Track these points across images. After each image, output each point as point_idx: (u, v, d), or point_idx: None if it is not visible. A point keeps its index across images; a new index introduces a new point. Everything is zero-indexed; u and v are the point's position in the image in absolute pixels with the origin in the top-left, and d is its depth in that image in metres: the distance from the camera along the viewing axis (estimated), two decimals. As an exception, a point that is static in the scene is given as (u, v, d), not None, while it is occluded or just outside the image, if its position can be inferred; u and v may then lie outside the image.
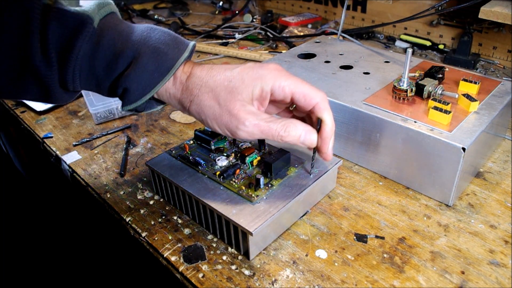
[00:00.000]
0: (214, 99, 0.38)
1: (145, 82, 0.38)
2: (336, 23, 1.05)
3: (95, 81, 0.39)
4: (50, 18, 0.35)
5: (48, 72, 0.36)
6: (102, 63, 0.38)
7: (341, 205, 0.49)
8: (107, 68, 0.38)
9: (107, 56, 0.37)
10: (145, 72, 0.37)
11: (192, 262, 0.43)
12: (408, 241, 0.44)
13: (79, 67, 0.37)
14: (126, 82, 0.38)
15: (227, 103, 0.37)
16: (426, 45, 0.90)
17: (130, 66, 0.37)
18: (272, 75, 0.38)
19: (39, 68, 0.36)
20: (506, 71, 0.79)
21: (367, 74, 0.61)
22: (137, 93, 0.38)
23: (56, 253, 1.10)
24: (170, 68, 0.38)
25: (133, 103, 0.39)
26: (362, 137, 0.53)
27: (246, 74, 0.38)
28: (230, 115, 0.37)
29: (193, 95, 0.38)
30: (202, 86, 0.38)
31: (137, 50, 0.37)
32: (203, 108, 0.38)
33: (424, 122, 0.48)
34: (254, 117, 0.37)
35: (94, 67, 0.38)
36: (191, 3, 1.36)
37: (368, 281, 0.40)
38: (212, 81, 0.38)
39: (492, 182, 0.52)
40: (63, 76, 0.37)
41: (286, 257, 0.43)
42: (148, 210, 0.50)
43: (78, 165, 0.60)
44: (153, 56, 0.37)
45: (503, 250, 0.42)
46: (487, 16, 0.68)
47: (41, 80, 0.37)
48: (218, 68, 0.39)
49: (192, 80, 0.39)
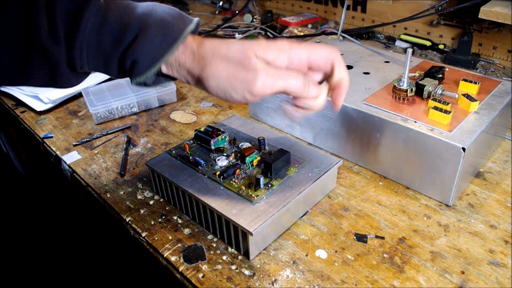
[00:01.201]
0: (229, 60, 0.38)
1: (154, 52, 0.38)
2: (336, 23, 1.05)
3: (103, 58, 0.39)
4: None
5: (56, 50, 0.36)
6: (109, 37, 0.37)
7: (341, 205, 0.49)
8: (114, 42, 0.38)
9: (114, 30, 0.37)
10: (153, 42, 0.38)
11: (192, 262, 0.43)
12: (408, 241, 0.44)
13: (87, 43, 0.37)
14: (134, 54, 0.38)
15: (242, 61, 0.37)
16: (426, 45, 0.90)
17: (137, 37, 0.38)
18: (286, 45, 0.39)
19: (46, 46, 0.35)
20: (506, 71, 0.79)
21: (367, 74, 0.61)
22: (146, 64, 0.38)
23: (56, 253, 1.10)
24: (177, 37, 0.38)
25: (142, 74, 0.39)
26: (362, 137, 0.53)
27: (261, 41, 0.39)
28: (246, 69, 0.37)
29: (206, 61, 0.39)
30: (215, 53, 0.39)
31: (144, 22, 0.38)
32: (216, 72, 0.38)
33: (424, 122, 0.48)
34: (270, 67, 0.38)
35: (102, 42, 0.38)
36: (191, 3, 1.36)
37: (368, 281, 0.40)
38: (225, 47, 0.39)
39: (492, 182, 0.52)
40: (71, 52, 0.37)
41: (286, 257, 0.43)
42: (148, 210, 0.50)
43: (78, 165, 0.60)
44: (160, 27, 0.38)
45: (503, 250, 0.42)
46: (487, 16, 0.68)
47: (49, 58, 0.36)
48: (231, 40, 0.40)
49: (205, 48, 0.39)
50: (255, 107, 0.67)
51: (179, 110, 0.73)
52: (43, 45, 0.35)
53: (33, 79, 0.38)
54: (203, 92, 0.79)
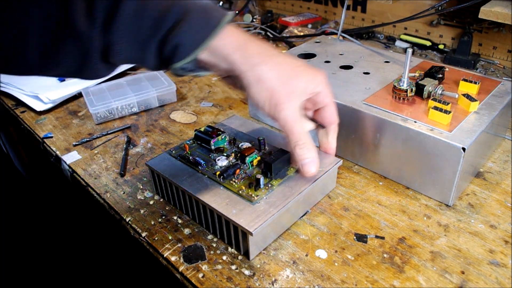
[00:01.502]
0: (279, 72, 0.40)
1: (198, 35, 0.38)
2: (336, 23, 1.05)
3: (141, 44, 0.37)
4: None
5: (91, 34, 0.34)
6: (149, 21, 0.37)
7: (341, 205, 0.49)
8: (154, 26, 0.37)
9: (154, 14, 0.37)
10: (197, 25, 0.37)
11: (192, 262, 0.43)
12: (408, 241, 0.44)
13: (126, 27, 0.36)
14: (177, 37, 0.37)
15: (290, 82, 0.40)
16: (426, 45, 0.90)
17: (179, 22, 0.37)
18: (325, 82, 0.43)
19: (82, 30, 0.34)
20: (506, 71, 0.79)
21: (367, 74, 0.61)
22: (189, 48, 0.38)
23: (56, 253, 1.10)
24: (218, 23, 0.38)
25: (185, 58, 0.38)
26: (362, 137, 0.53)
27: (309, 70, 0.42)
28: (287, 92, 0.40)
29: (258, 60, 0.39)
30: (267, 58, 0.40)
31: (185, 7, 0.38)
32: (265, 76, 0.40)
33: (424, 122, 0.48)
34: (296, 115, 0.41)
35: (141, 26, 0.36)
36: (191, 3, 1.36)
37: (368, 281, 0.40)
38: (280, 57, 0.41)
39: (492, 182, 0.52)
40: (108, 37, 0.35)
41: (286, 257, 0.43)
42: (148, 210, 0.50)
43: (78, 165, 0.60)
44: (201, 12, 0.38)
45: (503, 250, 0.42)
46: (487, 16, 0.68)
47: (82, 44, 0.35)
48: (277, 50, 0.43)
49: (256, 46, 0.40)
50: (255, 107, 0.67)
51: (179, 110, 0.73)
52: (77, 28, 0.34)
53: (60, 68, 0.36)
54: (203, 92, 0.79)
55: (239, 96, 0.77)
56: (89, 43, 0.35)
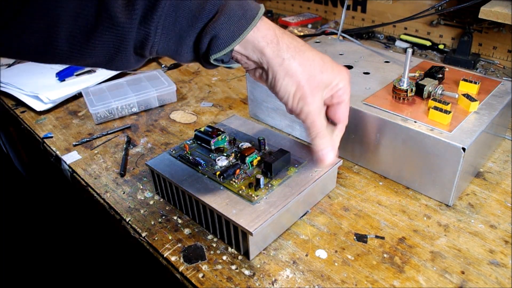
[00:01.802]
0: (308, 68, 0.41)
1: (235, 27, 0.38)
2: (336, 23, 1.05)
3: (177, 37, 0.38)
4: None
5: (129, 25, 0.34)
6: (188, 13, 0.37)
7: (341, 205, 0.49)
8: (192, 19, 0.37)
9: (193, 5, 0.37)
10: (234, 17, 0.38)
11: (192, 262, 0.43)
12: (408, 241, 0.44)
13: (164, 18, 0.36)
14: (214, 29, 0.37)
15: (316, 78, 0.41)
16: (426, 45, 0.90)
17: (217, 13, 0.37)
18: (347, 79, 0.43)
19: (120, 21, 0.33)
20: (506, 71, 0.79)
21: (367, 74, 0.61)
22: (227, 39, 0.38)
23: (56, 253, 1.10)
24: (255, 15, 0.38)
25: (223, 50, 0.38)
26: (362, 137, 0.53)
27: (334, 65, 0.43)
28: (312, 87, 0.41)
29: (289, 54, 0.40)
30: (301, 51, 0.41)
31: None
32: (294, 70, 0.40)
33: (424, 122, 0.48)
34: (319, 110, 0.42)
35: (179, 18, 0.37)
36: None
37: (368, 281, 0.40)
38: (310, 52, 0.41)
39: (492, 182, 0.52)
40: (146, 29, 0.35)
41: (286, 257, 0.43)
42: (148, 210, 0.50)
43: (78, 165, 0.60)
44: (238, 4, 0.38)
45: (503, 250, 0.42)
46: (487, 16, 0.68)
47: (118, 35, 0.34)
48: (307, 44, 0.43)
49: (289, 40, 0.41)
50: (255, 107, 0.67)
51: (179, 110, 0.73)
52: (115, 20, 0.33)
53: (90, 58, 0.36)
54: (203, 92, 0.79)
55: (239, 96, 0.77)
56: (126, 34, 0.35)
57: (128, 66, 0.39)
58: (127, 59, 0.37)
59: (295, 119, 0.61)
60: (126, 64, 0.38)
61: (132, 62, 0.38)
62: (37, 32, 0.32)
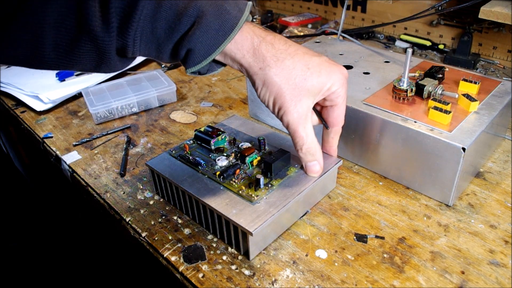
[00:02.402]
0: (286, 77, 0.39)
1: (210, 41, 0.37)
2: (336, 23, 1.05)
3: (156, 45, 0.38)
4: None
5: (108, 38, 0.35)
6: (164, 24, 0.36)
7: (341, 205, 0.49)
8: (169, 29, 0.37)
9: (169, 16, 0.36)
10: (210, 31, 0.37)
11: (192, 262, 0.43)
12: (408, 241, 0.44)
13: (141, 30, 0.36)
14: (190, 43, 0.37)
15: (298, 86, 0.40)
16: (426, 45, 0.90)
17: (194, 25, 0.36)
18: (342, 81, 0.42)
19: (98, 34, 0.34)
20: (506, 71, 0.79)
21: (367, 74, 0.61)
22: (202, 53, 0.37)
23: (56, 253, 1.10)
24: (233, 26, 0.37)
25: (198, 64, 0.38)
26: (362, 137, 0.53)
27: (324, 69, 0.41)
28: (293, 96, 0.40)
29: (265, 64, 0.39)
30: (279, 60, 0.39)
31: (201, 9, 0.37)
32: (270, 80, 0.39)
33: (424, 122, 0.48)
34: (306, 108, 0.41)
35: (156, 29, 0.36)
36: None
37: (368, 281, 0.40)
38: (290, 60, 0.40)
39: (492, 182, 0.52)
40: (124, 40, 0.36)
41: (286, 257, 0.43)
42: (148, 210, 0.50)
43: (78, 165, 0.60)
44: (217, 14, 0.37)
45: (503, 250, 0.42)
46: (487, 16, 0.68)
47: (99, 46, 0.35)
48: (295, 47, 0.41)
49: (267, 48, 0.39)
50: (255, 107, 0.67)
51: (179, 110, 0.73)
52: (93, 32, 0.34)
53: (77, 65, 0.37)
54: (203, 92, 0.79)
55: (239, 96, 0.77)
56: (106, 46, 0.35)
57: (116, 69, 0.39)
58: (113, 64, 0.38)
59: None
60: (113, 68, 0.39)
61: (119, 65, 0.39)
62: (25, 43, 0.33)
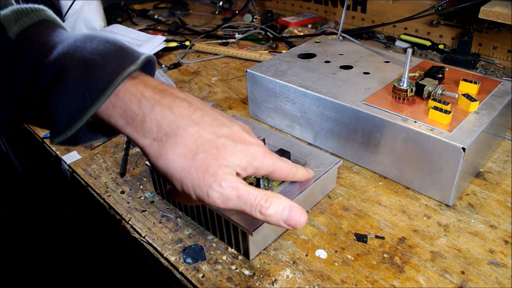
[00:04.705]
0: (191, 147, 0.30)
1: (74, 105, 0.28)
2: (336, 23, 1.05)
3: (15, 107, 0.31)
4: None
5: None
6: (21, 82, 0.29)
7: (341, 205, 0.49)
8: (27, 90, 0.29)
9: (25, 74, 0.29)
10: (72, 92, 0.28)
11: (192, 262, 0.43)
12: (408, 241, 0.44)
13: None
14: (49, 107, 0.29)
15: (208, 157, 0.30)
16: (426, 45, 0.90)
17: (52, 86, 0.29)
18: (261, 154, 0.34)
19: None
20: (506, 71, 0.79)
21: (367, 74, 0.61)
22: (64, 121, 0.29)
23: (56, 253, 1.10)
24: (106, 86, 0.29)
25: (61, 135, 0.29)
26: (362, 137, 0.53)
27: (238, 140, 0.32)
28: (206, 170, 0.30)
29: (160, 133, 0.30)
30: (179, 128, 0.30)
31: (61, 64, 0.28)
32: (169, 155, 0.30)
33: (424, 122, 0.48)
34: (234, 178, 0.31)
35: (14, 88, 0.30)
36: (191, 3, 1.36)
37: (368, 281, 0.40)
38: (195, 128, 0.31)
39: (492, 182, 0.52)
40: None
41: (286, 257, 0.43)
42: (148, 210, 0.50)
43: (78, 165, 0.60)
44: (83, 70, 0.28)
45: (503, 250, 0.42)
46: (487, 16, 0.68)
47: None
48: (201, 112, 0.32)
49: (163, 113, 0.30)
50: (255, 107, 0.67)
51: (179, 110, 0.73)
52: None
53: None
54: (203, 92, 0.79)
55: (239, 96, 0.77)
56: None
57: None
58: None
59: (295, 119, 0.61)
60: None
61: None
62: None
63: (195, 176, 0.30)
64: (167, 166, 0.30)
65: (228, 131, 0.32)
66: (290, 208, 0.32)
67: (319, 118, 0.57)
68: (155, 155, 0.31)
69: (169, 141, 0.30)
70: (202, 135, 0.31)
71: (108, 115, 0.30)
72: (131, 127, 0.30)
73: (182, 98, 0.32)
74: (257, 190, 0.31)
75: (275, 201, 0.31)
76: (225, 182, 0.30)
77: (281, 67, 0.64)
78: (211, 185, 0.30)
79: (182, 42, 1.00)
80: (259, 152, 0.33)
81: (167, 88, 0.32)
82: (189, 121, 0.31)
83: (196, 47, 0.99)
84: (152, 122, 0.30)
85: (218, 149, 0.31)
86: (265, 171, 0.35)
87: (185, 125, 0.30)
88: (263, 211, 0.31)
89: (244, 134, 0.33)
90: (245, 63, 0.91)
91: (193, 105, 0.32)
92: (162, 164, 0.30)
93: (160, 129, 0.30)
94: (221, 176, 0.30)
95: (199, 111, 0.32)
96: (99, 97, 0.29)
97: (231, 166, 0.31)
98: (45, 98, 0.29)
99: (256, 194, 0.31)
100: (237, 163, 0.31)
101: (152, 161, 0.31)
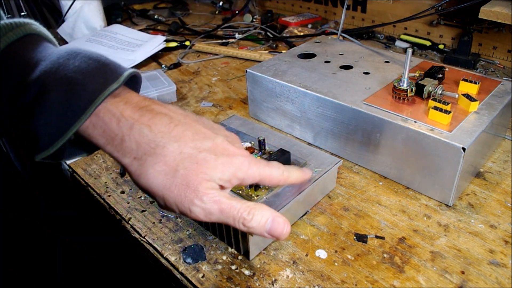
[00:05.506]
0: (171, 164, 0.30)
1: (56, 124, 0.29)
2: (336, 23, 1.05)
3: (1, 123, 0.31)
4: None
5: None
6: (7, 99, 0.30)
7: (341, 205, 0.49)
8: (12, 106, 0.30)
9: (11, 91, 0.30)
10: (54, 111, 0.29)
11: (192, 262, 0.43)
12: (408, 241, 0.44)
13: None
14: (31, 125, 0.29)
15: (188, 173, 0.30)
16: (426, 45, 0.90)
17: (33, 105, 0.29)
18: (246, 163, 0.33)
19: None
20: (506, 71, 0.79)
21: (367, 74, 0.61)
22: (46, 139, 0.29)
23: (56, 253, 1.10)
24: (87, 105, 0.29)
25: (44, 151, 0.30)
26: (362, 137, 0.53)
27: (221, 153, 0.32)
28: (187, 186, 0.30)
29: (140, 152, 0.30)
30: (159, 147, 0.30)
31: (43, 83, 0.29)
32: (150, 173, 0.30)
33: (424, 122, 0.48)
34: (216, 192, 0.31)
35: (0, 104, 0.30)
36: (191, 3, 1.36)
37: (368, 281, 0.40)
38: (174, 145, 0.31)
39: (492, 182, 0.52)
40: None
41: (286, 257, 0.43)
42: (148, 210, 0.50)
43: (78, 165, 0.60)
44: (65, 90, 0.29)
45: (503, 250, 0.42)
46: (487, 16, 0.68)
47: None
48: (183, 127, 0.32)
49: (142, 133, 0.30)
50: (255, 107, 0.67)
51: (179, 110, 0.73)
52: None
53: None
54: (203, 92, 0.79)
55: (239, 96, 0.77)
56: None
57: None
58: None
59: (295, 119, 0.61)
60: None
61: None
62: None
63: (177, 193, 0.30)
64: (148, 184, 0.31)
65: (211, 144, 0.32)
66: (273, 219, 0.32)
67: (319, 118, 0.57)
68: (136, 174, 0.31)
69: (148, 160, 0.30)
70: (183, 151, 0.31)
71: (89, 134, 0.31)
72: (111, 146, 0.31)
73: (163, 113, 0.32)
74: (239, 202, 0.32)
75: (258, 213, 0.32)
76: (206, 197, 0.30)
77: (281, 67, 0.64)
78: (192, 200, 0.30)
79: (182, 42, 1.00)
80: (243, 163, 0.33)
81: (149, 104, 0.32)
82: (168, 138, 0.31)
83: (196, 47, 0.99)
84: (131, 142, 0.30)
85: (199, 164, 0.31)
86: (251, 180, 0.34)
87: (164, 142, 0.30)
88: (246, 223, 0.31)
89: (228, 145, 0.33)
90: (245, 63, 0.91)
91: (174, 120, 0.32)
92: (143, 182, 0.31)
93: (140, 148, 0.30)
94: (202, 191, 0.30)
95: (180, 126, 0.32)
96: (80, 117, 0.29)
97: (213, 180, 0.31)
98: (28, 116, 0.29)
99: (238, 207, 0.31)
100: (219, 176, 0.31)
101: (134, 179, 0.31)
